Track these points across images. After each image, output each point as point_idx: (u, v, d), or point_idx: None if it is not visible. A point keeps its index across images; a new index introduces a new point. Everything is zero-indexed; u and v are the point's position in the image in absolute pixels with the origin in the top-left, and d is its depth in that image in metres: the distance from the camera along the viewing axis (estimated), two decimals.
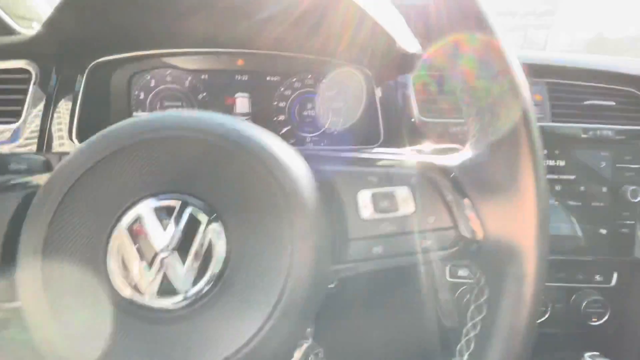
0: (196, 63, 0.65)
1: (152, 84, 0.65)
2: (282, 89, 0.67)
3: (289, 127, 0.68)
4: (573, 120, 0.61)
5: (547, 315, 0.63)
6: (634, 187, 0.60)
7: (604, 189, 0.61)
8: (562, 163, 0.60)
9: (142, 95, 0.65)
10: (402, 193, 0.28)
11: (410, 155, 0.31)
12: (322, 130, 0.67)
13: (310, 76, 0.67)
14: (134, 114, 0.65)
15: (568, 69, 0.63)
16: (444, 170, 0.28)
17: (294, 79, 0.67)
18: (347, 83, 0.66)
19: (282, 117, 0.68)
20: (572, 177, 0.61)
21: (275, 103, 0.67)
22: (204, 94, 0.66)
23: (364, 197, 0.28)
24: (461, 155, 0.29)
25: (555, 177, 0.60)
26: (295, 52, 0.63)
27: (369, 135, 0.62)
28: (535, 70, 0.62)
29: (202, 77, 0.66)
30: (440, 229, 0.28)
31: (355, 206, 0.28)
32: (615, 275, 0.64)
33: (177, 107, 0.66)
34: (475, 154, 0.27)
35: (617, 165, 0.61)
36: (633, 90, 0.64)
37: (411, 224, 0.28)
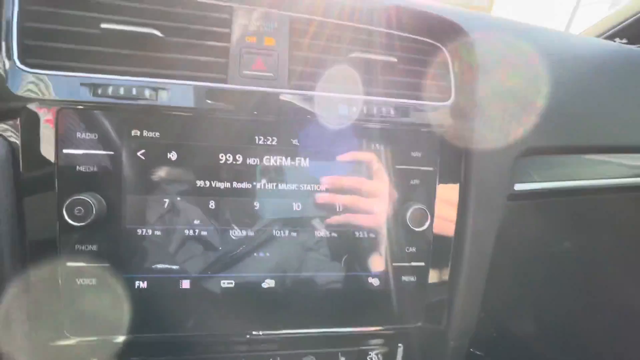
0: None
1: None
2: None
3: None
4: (322, 87, 0.34)
5: None
6: (417, 207, 0.35)
7: (379, 210, 0.35)
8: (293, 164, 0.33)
9: None
10: None
11: None
12: None
13: None
14: None
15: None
16: None
17: None
18: None
19: None
20: (324, 187, 0.34)
21: None
22: None
23: None
24: None
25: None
26: None
27: None
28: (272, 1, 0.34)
29: None
30: None
31: None
32: (400, 351, 0.39)
33: None
34: None
35: (397, 167, 0.36)
36: (436, 43, 0.38)
37: None
